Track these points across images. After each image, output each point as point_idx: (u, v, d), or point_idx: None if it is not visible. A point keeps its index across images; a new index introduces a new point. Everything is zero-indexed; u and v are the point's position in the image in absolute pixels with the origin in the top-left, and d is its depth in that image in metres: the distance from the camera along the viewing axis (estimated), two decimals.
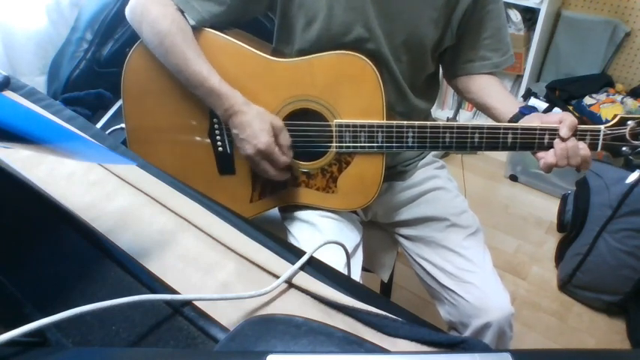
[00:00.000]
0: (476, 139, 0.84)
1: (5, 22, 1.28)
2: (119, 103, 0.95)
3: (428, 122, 0.85)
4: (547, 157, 0.81)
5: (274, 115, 0.87)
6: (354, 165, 0.91)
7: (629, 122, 0.80)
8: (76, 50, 1.25)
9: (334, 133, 0.88)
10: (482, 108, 0.99)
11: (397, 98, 0.94)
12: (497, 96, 0.96)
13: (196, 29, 0.87)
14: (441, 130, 0.84)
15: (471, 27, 0.93)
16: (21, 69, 1.32)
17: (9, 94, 0.88)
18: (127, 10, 0.87)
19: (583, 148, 0.80)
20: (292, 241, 0.99)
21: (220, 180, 0.96)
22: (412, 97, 0.96)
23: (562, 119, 0.80)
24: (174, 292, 0.54)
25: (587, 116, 1.93)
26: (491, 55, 0.97)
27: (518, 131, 0.82)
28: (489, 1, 0.91)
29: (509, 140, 0.83)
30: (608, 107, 1.91)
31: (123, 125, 0.97)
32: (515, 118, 0.88)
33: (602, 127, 0.81)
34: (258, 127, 0.83)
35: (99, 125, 1.22)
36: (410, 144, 0.87)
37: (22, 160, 0.73)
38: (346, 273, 0.73)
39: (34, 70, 1.34)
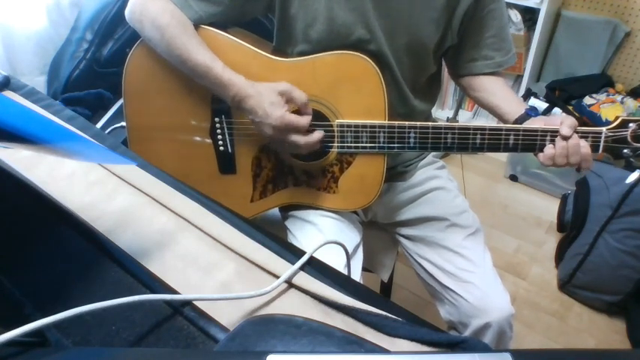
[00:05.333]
0: (477, 140, 0.84)
1: (5, 22, 1.28)
2: (119, 103, 0.95)
3: (430, 123, 0.85)
4: (547, 148, 0.81)
5: (278, 82, 0.84)
6: (355, 165, 0.91)
7: (631, 124, 0.80)
8: (76, 50, 1.26)
9: (336, 134, 0.88)
10: (486, 107, 0.99)
11: (398, 100, 0.94)
12: (501, 95, 0.96)
13: (198, 27, 0.87)
14: (443, 130, 0.84)
15: (474, 26, 0.93)
16: (21, 69, 1.32)
17: (9, 94, 0.88)
18: (127, 11, 0.87)
19: (584, 146, 0.80)
20: (292, 240, 0.99)
21: (221, 179, 0.96)
22: (412, 98, 0.96)
23: (562, 120, 0.80)
24: (174, 292, 0.54)
25: (587, 116, 1.93)
26: (494, 54, 0.97)
27: (520, 132, 0.82)
28: (491, 1, 0.91)
29: (511, 141, 0.83)
30: (608, 107, 1.91)
31: (123, 123, 0.97)
32: (521, 120, 0.88)
33: (603, 129, 0.81)
34: (267, 103, 0.81)
35: (99, 125, 1.22)
36: (411, 144, 0.86)
37: (22, 160, 0.73)
38: (346, 273, 0.73)
39: (34, 70, 1.34)
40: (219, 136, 0.93)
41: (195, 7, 0.85)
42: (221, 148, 0.94)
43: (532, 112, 0.88)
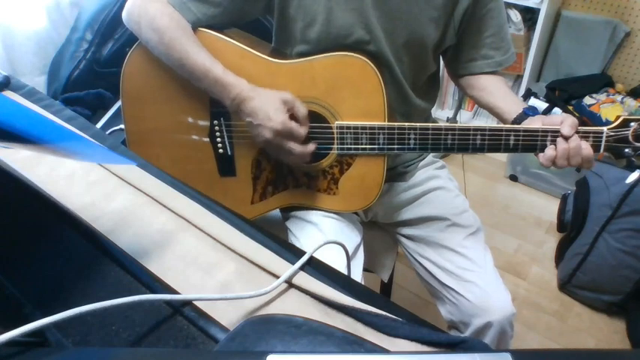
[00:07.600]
0: (478, 141, 0.84)
1: (5, 22, 1.28)
2: (119, 103, 0.94)
3: (429, 124, 0.85)
4: (548, 150, 0.81)
5: (282, 92, 0.84)
6: (355, 167, 0.91)
7: (632, 124, 0.80)
8: (76, 50, 1.26)
9: (335, 135, 0.88)
10: (485, 106, 0.99)
11: (398, 99, 0.94)
12: (500, 95, 0.96)
13: (195, 31, 0.87)
14: (443, 131, 0.84)
15: (473, 26, 0.93)
16: (21, 69, 1.32)
17: (9, 94, 0.88)
18: (124, 13, 0.87)
19: (585, 148, 0.79)
20: (293, 240, 0.99)
21: (221, 182, 0.96)
22: (413, 97, 0.96)
23: (562, 120, 0.80)
24: (174, 292, 0.54)
25: (587, 116, 1.93)
26: (493, 53, 0.97)
27: (521, 133, 0.82)
28: (490, 0, 0.91)
29: (512, 142, 0.83)
30: (608, 107, 1.91)
31: (122, 126, 0.97)
32: (519, 119, 0.88)
33: (604, 128, 0.80)
34: (270, 107, 0.81)
35: (99, 125, 1.22)
36: (411, 146, 0.86)
37: (22, 160, 0.73)
38: (346, 273, 0.72)
39: (34, 70, 1.34)
40: (218, 139, 0.93)
41: (194, 10, 0.85)
42: (220, 150, 0.94)
43: (530, 111, 0.88)
